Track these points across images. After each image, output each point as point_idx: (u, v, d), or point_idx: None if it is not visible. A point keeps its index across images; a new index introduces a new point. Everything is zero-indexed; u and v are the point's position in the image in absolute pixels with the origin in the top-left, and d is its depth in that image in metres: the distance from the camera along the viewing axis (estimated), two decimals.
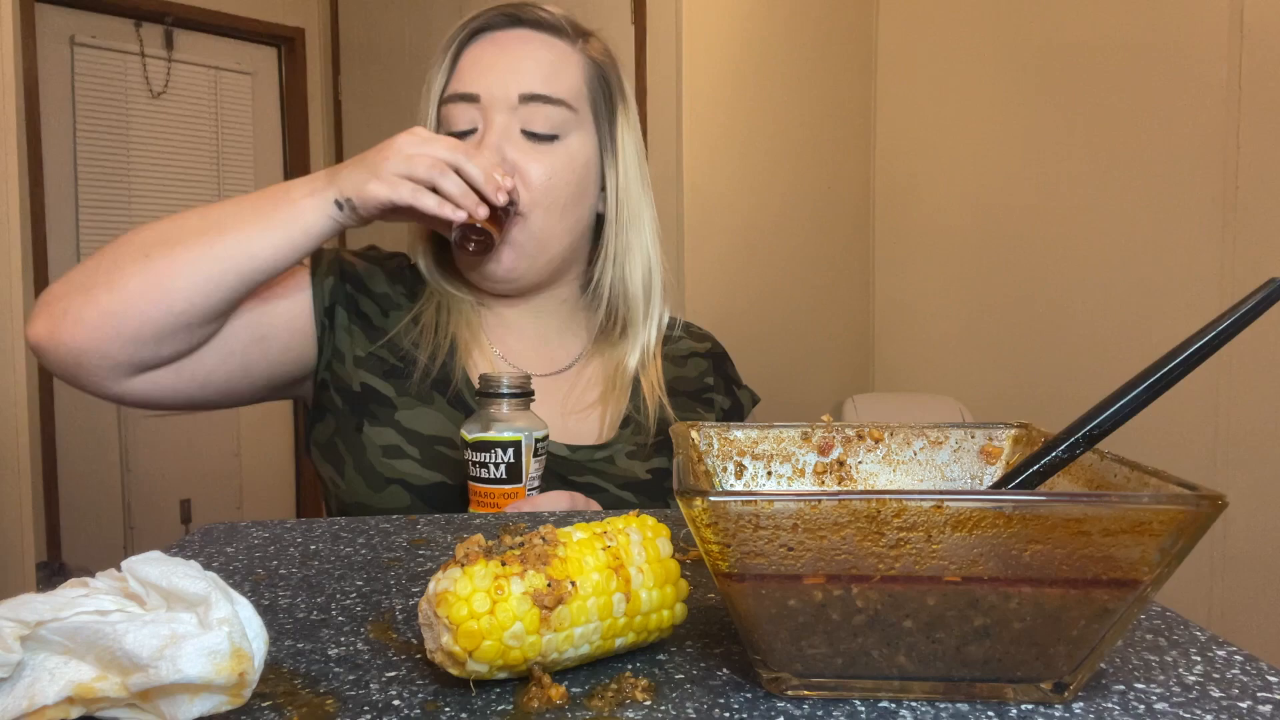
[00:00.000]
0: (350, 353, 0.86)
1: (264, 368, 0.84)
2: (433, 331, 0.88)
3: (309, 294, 0.86)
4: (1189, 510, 0.34)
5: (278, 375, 0.86)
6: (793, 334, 2.59)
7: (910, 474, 0.52)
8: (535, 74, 0.86)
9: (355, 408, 0.84)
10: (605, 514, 0.73)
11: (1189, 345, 0.39)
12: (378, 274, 0.92)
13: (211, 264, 0.75)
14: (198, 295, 0.75)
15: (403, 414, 0.83)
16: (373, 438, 0.82)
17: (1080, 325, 2.36)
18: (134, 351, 0.75)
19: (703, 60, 2.23)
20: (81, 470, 3.00)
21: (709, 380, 0.98)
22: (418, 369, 0.86)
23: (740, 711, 0.37)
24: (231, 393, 0.84)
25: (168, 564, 0.36)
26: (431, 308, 0.90)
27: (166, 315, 0.75)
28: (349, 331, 0.86)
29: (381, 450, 0.82)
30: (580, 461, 0.85)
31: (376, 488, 0.81)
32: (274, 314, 0.84)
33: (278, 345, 0.84)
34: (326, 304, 0.86)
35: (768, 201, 2.49)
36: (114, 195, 3.07)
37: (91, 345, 0.75)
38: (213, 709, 0.34)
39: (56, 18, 2.94)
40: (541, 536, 0.42)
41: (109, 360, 0.75)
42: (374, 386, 0.85)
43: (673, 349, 0.97)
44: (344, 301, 0.87)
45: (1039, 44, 2.43)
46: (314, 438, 0.89)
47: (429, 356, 0.86)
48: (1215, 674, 0.41)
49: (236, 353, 0.81)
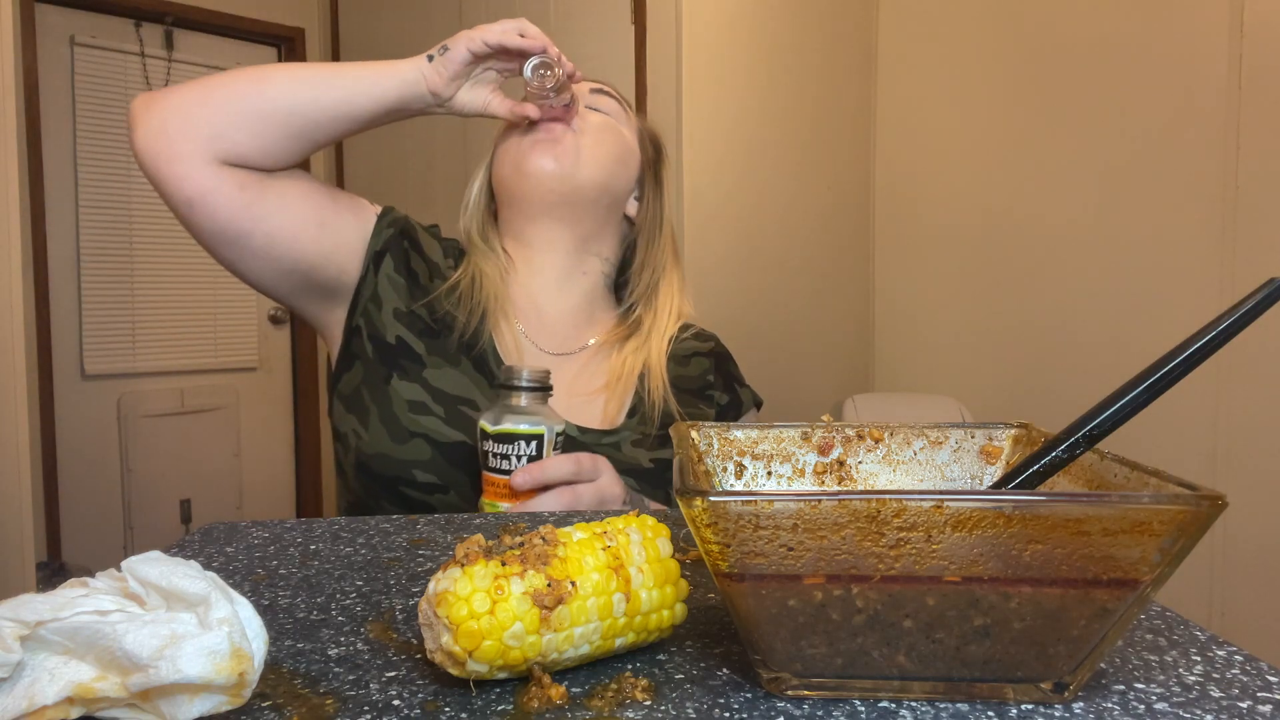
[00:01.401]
0: (390, 303, 0.91)
1: (312, 251, 0.89)
2: (469, 297, 0.94)
3: (369, 230, 0.93)
4: (1189, 510, 0.34)
5: (316, 270, 0.90)
6: (793, 334, 2.59)
7: (910, 474, 0.52)
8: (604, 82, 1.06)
9: (385, 358, 0.89)
10: (606, 514, 0.73)
11: (1189, 345, 0.39)
12: (434, 244, 1.00)
13: (309, 81, 0.85)
14: (291, 97, 0.84)
15: (431, 372, 0.88)
16: (400, 391, 0.87)
17: (1080, 325, 2.36)
18: (221, 124, 0.81)
19: (703, 60, 2.23)
20: (81, 470, 3.00)
21: (710, 378, 1.01)
22: (455, 330, 0.92)
23: (740, 711, 0.37)
24: (276, 251, 0.87)
25: (168, 564, 0.36)
26: (468, 277, 0.96)
27: (260, 102, 0.82)
28: (392, 282, 0.92)
29: (408, 404, 0.86)
30: (589, 444, 0.88)
31: (400, 440, 0.85)
32: (337, 217, 0.91)
33: (329, 242, 0.90)
34: (378, 249, 0.92)
35: (768, 202, 2.49)
36: (114, 195, 3.07)
37: (184, 106, 0.81)
38: (213, 709, 0.34)
39: (56, 18, 2.94)
40: (541, 536, 0.42)
41: (196, 127, 0.80)
42: (408, 342, 0.90)
43: (677, 349, 1.01)
44: (396, 253, 0.93)
45: (1038, 44, 2.43)
46: (339, 390, 0.93)
47: (464, 319, 0.93)
48: (1215, 674, 0.41)
49: (296, 216, 0.87)
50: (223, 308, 3.33)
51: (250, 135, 0.82)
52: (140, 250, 3.13)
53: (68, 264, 2.99)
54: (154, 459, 3.16)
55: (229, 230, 0.83)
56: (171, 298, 3.20)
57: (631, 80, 2.27)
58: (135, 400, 3.13)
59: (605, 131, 1.00)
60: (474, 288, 0.95)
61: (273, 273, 0.88)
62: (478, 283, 0.95)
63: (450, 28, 3.03)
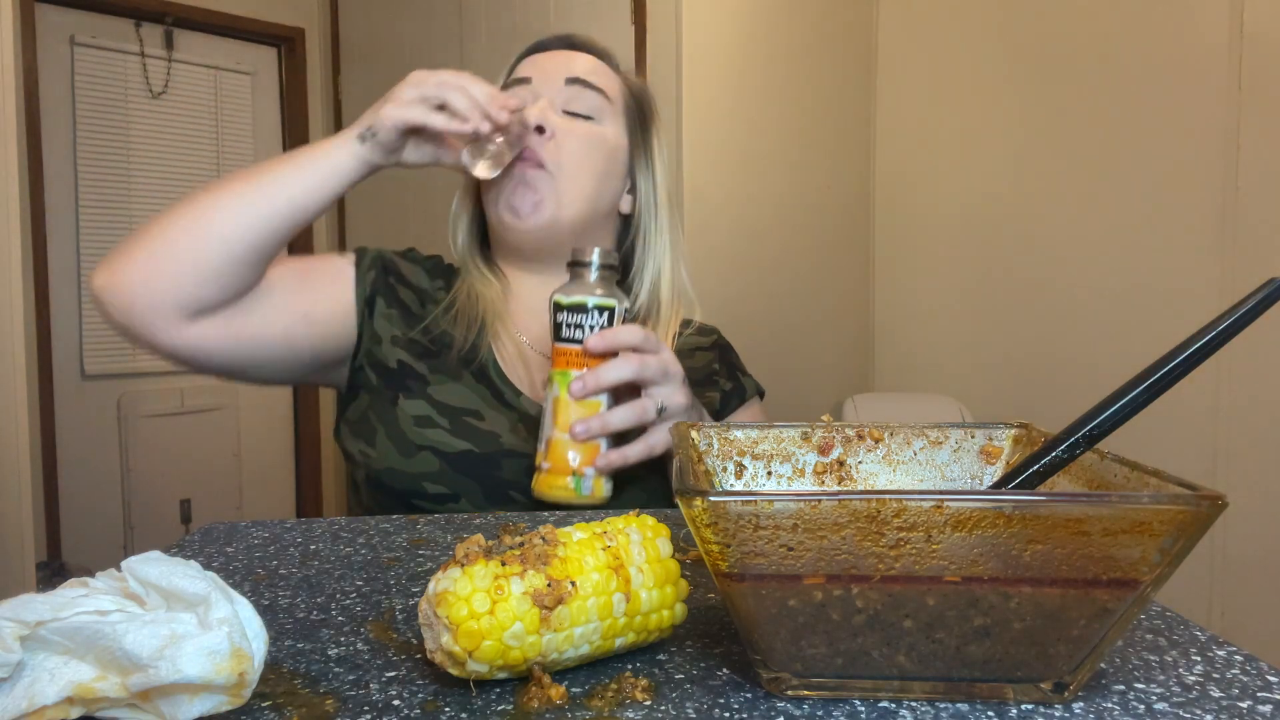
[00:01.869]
0: (388, 334, 0.92)
1: (307, 345, 0.90)
2: (465, 314, 0.94)
3: (353, 285, 0.93)
4: (1189, 510, 0.34)
5: (320, 354, 0.91)
6: (793, 334, 2.59)
7: (910, 474, 0.52)
8: (581, 66, 0.99)
9: (391, 382, 0.90)
10: (606, 514, 0.73)
11: (1189, 345, 0.39)
12: (418, 270, 0.99)
13: (251, 204, 0.82)
14: (238, 230, 0.82)
15: (435, 388, 0.89)
16: (406, 409, 0.88)
17: (1080, 325, 2.36)
18: (180, 288, 0.81)
19: (702, 60, 2.23)
20: (81, 470, 3.00)
21: (715, 367, 1.02)
22: (453, 347, 0.92)
23: (740, 711, 0.37)
24: (277, 363, 0.89)
25: (168, 564, 0.36)
26: (464, 292, 0.96)
27: (209, 249, 0.81)
28: (387, 317, 0.93)
29: (413, 420, 0.87)
30: None
31: (408, 454, 0.86)
32: (319, 298, 0.91)
33: (320, 327, 0.90)
34: (368, 294, 0.93)
35: (768, 202, 2.49)
36: (114, 195, 3.07)
37: (142, 282, 0.80)
38: (213, 709, 0.34)
39: (56, 18, 2.94)
40: (541, 536, 0.42)
41: (158, 297, 0.80)
42: (409, 364, 0.91)
43: (681, 345, 1.01)
44: (384, 292, 0.94)
45: (1038, 44, 2.43)
46: (346, 417, 0.94)
47: (463, 334, 0.93)
48: (1215, 674, 0.41)
49: (282, 324, 0.87)
50: None
51: (215, 286, 0.82)
52: None
53: (68, 264, 2.99)
54: (154, 459, 3.16)
55: (228, 367, 0.87)
56: None
57: None
58: (135, 400, 3.12)
59: (584, 153, 0.94)
60: (470, 303, 0.95)
61: (282, 374, 0.91)
62: (473, 298, 0.95)
63: (450, 28, 3.04)
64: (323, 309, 0.90)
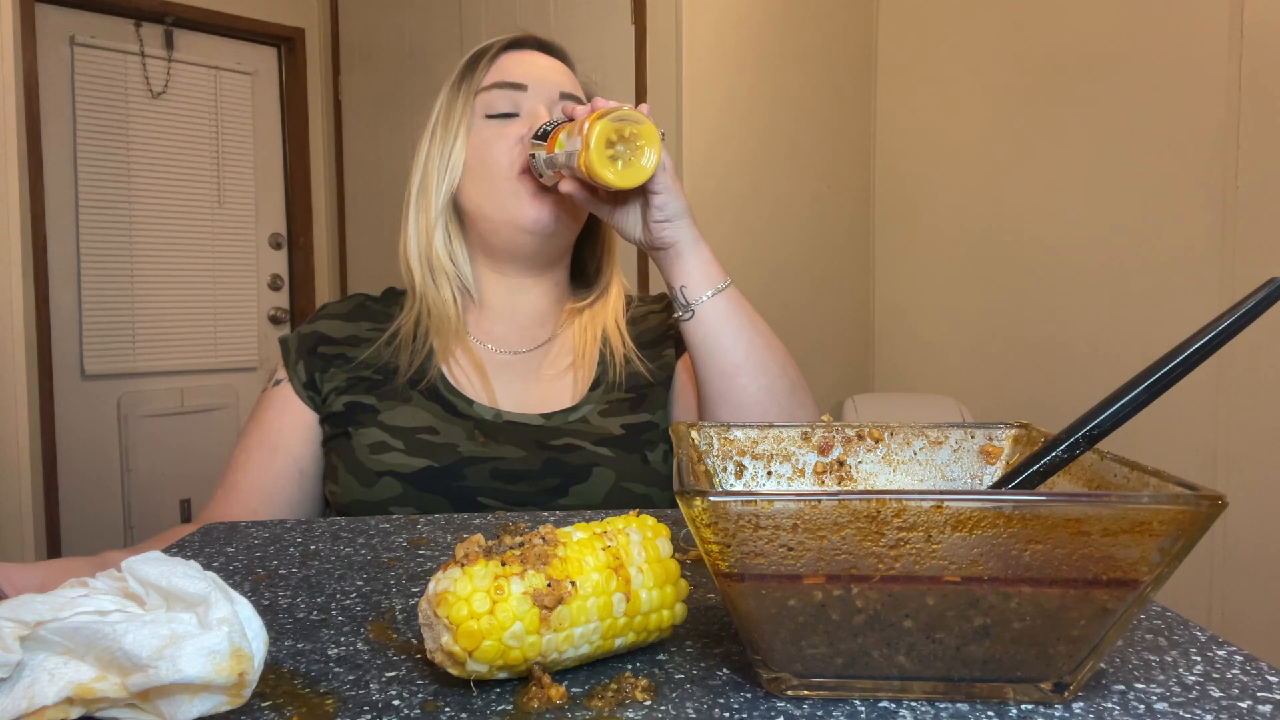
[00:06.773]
0: (330, 388, 0.94)
1: (314, 470, 0.94)
2: (410, 339, 0.96)
3: (296, 391, 0.95)
4: (1189, 510, 0.34)
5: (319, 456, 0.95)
6: (792, 334, 2.58)
7: (910, 474, 0.52)
8: (567, 81, 1.03)
9: (341, 422, 0.91)
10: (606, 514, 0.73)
11: (1189, 345, 0.39)
12: (334, 323, 1.00)
13: None
14: None
15: (385, 414, 0.90)
16: (361, 439, 0.89)
17: (1080, 325, 2.36)
18: None
19: (702, 60, 2.23)
20: (81, 470, 3.00)
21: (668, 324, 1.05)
22: (400, 373, 0.93)
23: (740, 711, 0.37)
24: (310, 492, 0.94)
25: (168, 564, 0.36)
26: (411, 320, 0.98)
27: None
28: (327, 379, 0.95)
29: (369, 448, 0.88)
30: (555, 427, 0.91)
31: (368, 482, 0.87)
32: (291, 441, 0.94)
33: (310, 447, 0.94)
34: (305, 380, 0.95)
35: (768, 202, 2.49)
36: (114, 195, 3.07)
37: None
38: (213, 709, 0.34)
39: (56, 18, 2.94)
40: (541, 536, 0.42)
41: None
42: (357, 400, 0.92)
43: (632, 313, 1.06)
44: (317, 365, 0.96)
45: (1039, 44, 2.43)
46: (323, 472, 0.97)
47: (408, 361, 0.94)
48: (1215, 674, 0.41)
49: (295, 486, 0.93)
50: (222, 308, 3.33)
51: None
52: (140, 250, 3.13)
53: (68, 264, 2.98)
54: (154, 459, 3.16)
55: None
56: (171, 298, 3.20)
57: (631, 80, 2.27)
58: (135, 400, 3.12)
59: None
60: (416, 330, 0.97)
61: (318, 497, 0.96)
62: (421, 326, 0.97)
63: (450, 28, 3.04)
64: (296, 439, 0.93)
